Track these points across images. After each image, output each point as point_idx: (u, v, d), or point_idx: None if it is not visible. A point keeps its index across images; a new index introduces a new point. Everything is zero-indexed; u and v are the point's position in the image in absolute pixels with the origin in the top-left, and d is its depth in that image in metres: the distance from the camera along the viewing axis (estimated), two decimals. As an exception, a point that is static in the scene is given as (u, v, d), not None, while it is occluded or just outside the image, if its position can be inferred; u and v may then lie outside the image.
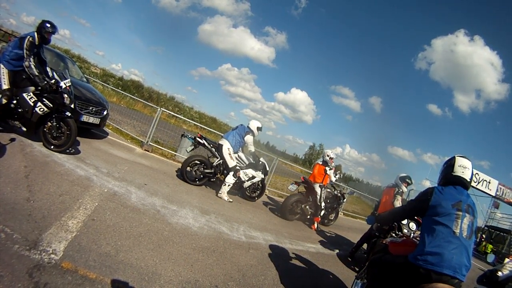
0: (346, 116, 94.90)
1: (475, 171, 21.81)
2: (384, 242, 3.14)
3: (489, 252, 18.78)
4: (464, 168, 2.32)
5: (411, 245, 2.45)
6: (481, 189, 22.23)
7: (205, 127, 10.66)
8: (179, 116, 10.49)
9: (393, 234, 4.95)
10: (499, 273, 3.67)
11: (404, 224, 5.24)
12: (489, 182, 22.49)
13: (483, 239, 23.04)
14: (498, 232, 24.64)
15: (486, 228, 24.41)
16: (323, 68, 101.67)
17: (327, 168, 6.85)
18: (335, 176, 7.37)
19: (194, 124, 11.22)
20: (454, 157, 2.41)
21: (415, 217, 4.51)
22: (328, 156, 6.94)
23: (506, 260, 4.05)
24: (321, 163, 6.99)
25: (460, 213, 2.08)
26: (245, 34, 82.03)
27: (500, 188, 22.87)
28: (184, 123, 15.97)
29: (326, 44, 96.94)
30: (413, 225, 4.94)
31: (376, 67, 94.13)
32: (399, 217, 2.87)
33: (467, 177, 2.31)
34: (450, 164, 2.38)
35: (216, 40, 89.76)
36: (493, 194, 22.79)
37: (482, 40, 69.12)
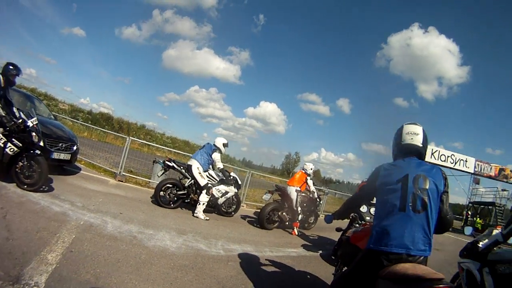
0: (317, 121, 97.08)
1: (450, 153, 22.98)
2: (347, 235, 3.19)
3: (479, 227, 19.20)
4: (412, 134, 2.21)
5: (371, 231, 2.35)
6: (459, 168, 23.32)
7: (179, 152, 10.89)
8: (151, 144, 10.63)
9: (356, 225, 5.19)
10: (480, 244, 3.59)
11: (364, 212, 5.49)
12: (466, 161, 23.46)
13: (469, 216, 23.91)
14: (483, 206, 25.45)
15: (470, 204, 25.31)
16: (288, 78, 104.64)
17: (308, 178, 7.32)
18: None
19: (168, 150, 11.34)
20: (401, 126, 2.29)
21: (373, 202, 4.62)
22: (311, 169, 7.49)
23: (486, 231, 4.02)
24: (304, 171, 7.42)
25: (406, 187, 1.97)
26: (209, 55, 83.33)
27: (478, 165, 23.88)
28: (158, 150, 16.02)
29: (288, 55, 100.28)
30: (374, 210, 5.15)
31: (339, 71, 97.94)
32: (354, 205, 2.78)
33: (418, 143, 2.19)
34: (398, 134, 2.28)
35: (181, 64, 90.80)
36: (472, 171, 23.82)
37: (436, 30, 72.65)
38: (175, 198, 6.28)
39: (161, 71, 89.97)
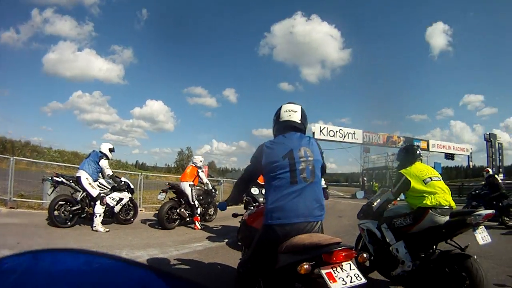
0: (205, 113, 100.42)
1: (338, 128, 25.75)
2: (243, 218, 3.20)
3: (377, 190, 22.31)
4: (290, 111, 2.28)
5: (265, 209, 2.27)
6: (349, 141, 26.04)
7: (69, 165, 10.50)
8: (38, 161, 10.08)
9: (251, 208, 4.93)
10: (374, 204, 3.80)
11: (256, 194, 5.77)
12: (354, 133, 26.16)
13: (365, 181, 27.11)
14: (377, 171, 29.15)
15: (364, 171, 28.69)
16: (172, 74, 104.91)
17: (200, 171, 7.52)
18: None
19: (58, 165, 10.86)
20: (280, 106, 2.36)
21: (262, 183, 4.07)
22: (201, 161, 7.75)
23: (378, 192, 4.20)
24: (194, 165, 7.59)
25: (293, 161, 2.04)
26: (91, 56, 77.27)
27: (366, 135, 26.76)
28: (46, 167, 14.78)
29: (171, 50, 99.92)
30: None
31: (223, 62, 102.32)
32: (243, 187, 2.68)
33: (296, 119, 2.26)
34: (277, 113, 2.34)
35: (63, 68, 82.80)
36: (361, 142, 26.80)
37: (319, 17, 79.42)
38: (71, 215, 6.02)
39: (43, 78, 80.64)
